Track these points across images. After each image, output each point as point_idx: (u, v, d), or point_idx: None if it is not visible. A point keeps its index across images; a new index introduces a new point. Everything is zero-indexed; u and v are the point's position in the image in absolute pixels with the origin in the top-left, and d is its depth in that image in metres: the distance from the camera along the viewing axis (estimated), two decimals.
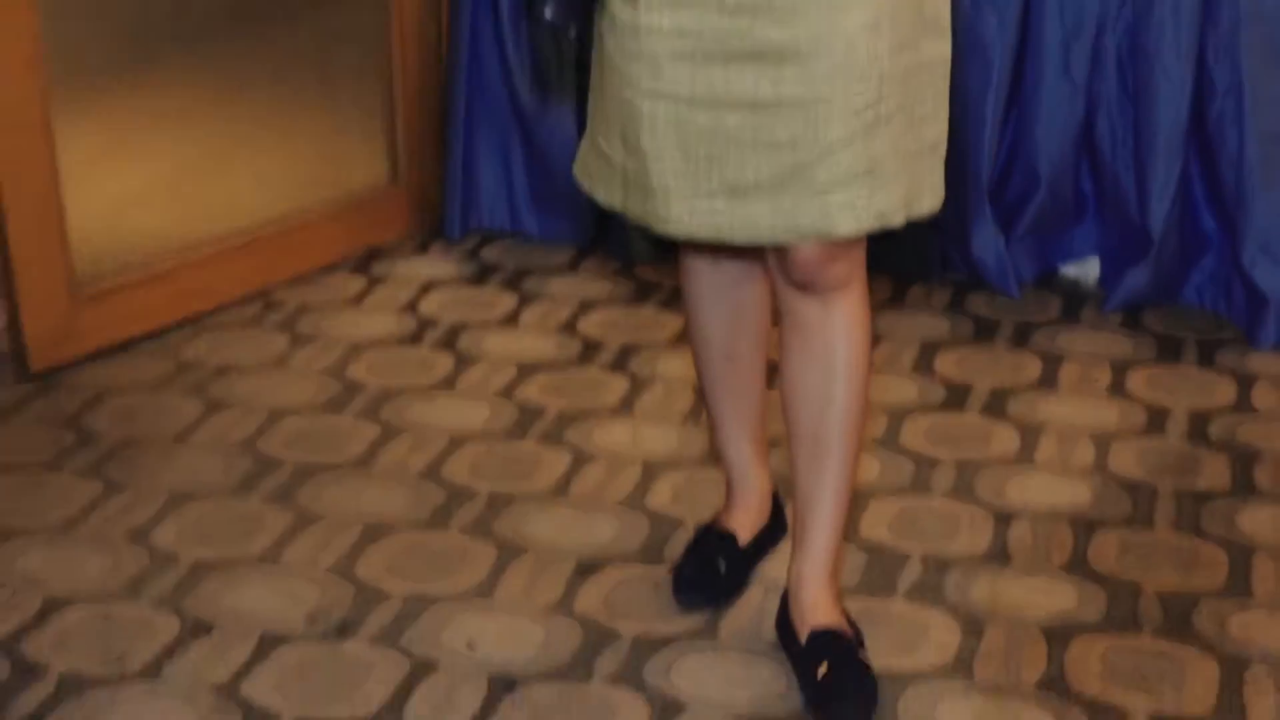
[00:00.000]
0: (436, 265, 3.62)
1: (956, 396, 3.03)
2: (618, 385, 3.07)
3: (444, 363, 3.16)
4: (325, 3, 3.47)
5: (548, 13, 2.09)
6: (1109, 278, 3.45)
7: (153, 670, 2.24)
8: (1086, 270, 3.52)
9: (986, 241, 3.43)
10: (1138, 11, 3.27)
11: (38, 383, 3.02)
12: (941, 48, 2.09)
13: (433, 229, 3.76)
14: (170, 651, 2.28)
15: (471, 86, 3.67)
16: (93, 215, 3.11)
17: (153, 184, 3.20)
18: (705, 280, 2.34)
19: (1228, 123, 3.23)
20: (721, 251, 2.30)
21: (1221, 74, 3.22)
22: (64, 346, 3.08)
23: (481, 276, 3.57)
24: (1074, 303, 3.43)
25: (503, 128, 3.71)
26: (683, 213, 2.07)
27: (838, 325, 2.15)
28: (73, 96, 3.04)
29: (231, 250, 3.36)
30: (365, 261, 3.60)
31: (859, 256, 2.15)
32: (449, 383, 3.08)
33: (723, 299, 2.34)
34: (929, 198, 2.12)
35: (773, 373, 2.31)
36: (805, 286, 2.13)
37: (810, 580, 2.23)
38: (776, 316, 2.24)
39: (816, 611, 2.21)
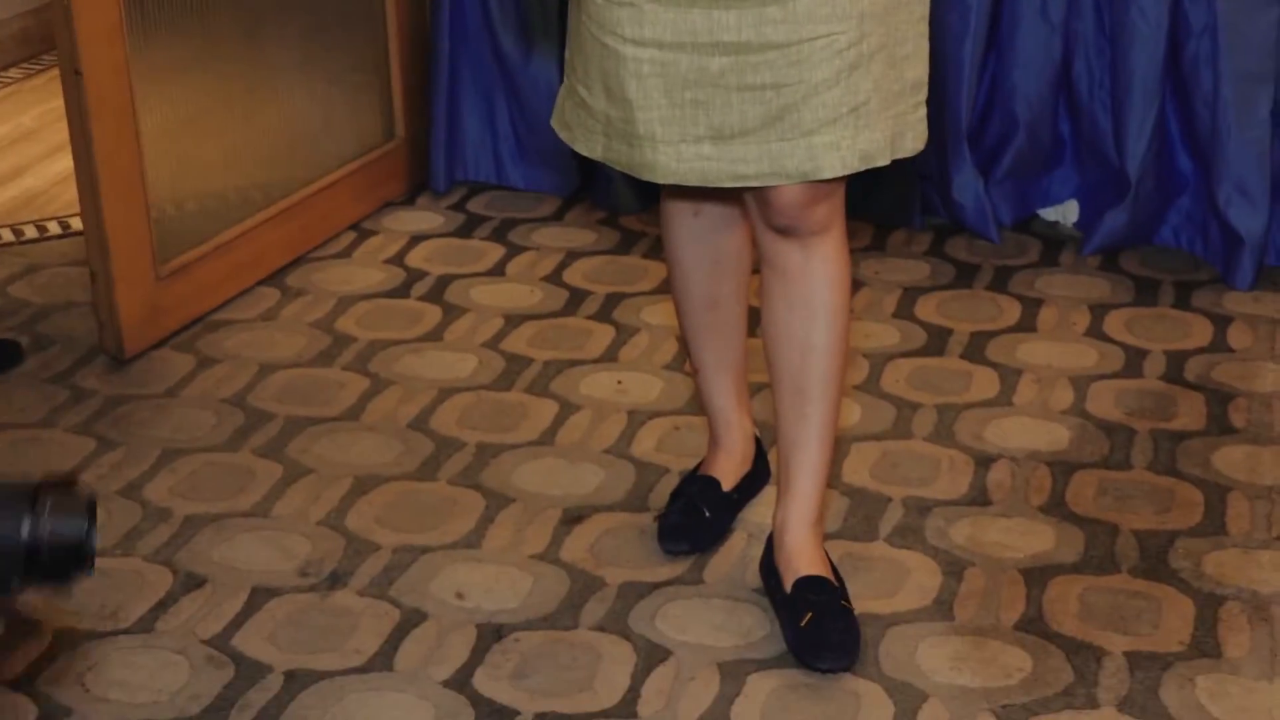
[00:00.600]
0: (424, 218, 3.64)
1: (937, 341, 3.06)
2: (603, 335, 3.10)
3: (432, 314, 3.19)
4: None
5: None
6: (1087, 220, 3.48)
7: (147, 623, 2.28)
8: (1065, 213, 3.54)
9: (966, 186, 3.45)
10: None
11: (131, 367, 3.01)
12: None
13: (421, 183, 3.78)
14: (163, 605, 2.32)
15: (455, 39, 3.68)
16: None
17: (170, 146, 3.16)
18: (687, 228, 2.36)
19: (1203, 63, 3.24)
20: (703, 198, 2.32)
21: (1197, 14, 3.23)
22: (150, 329, 3.07)
23: (468, 228, 3.59)
24: (1052, 246, 3.46)
25: (486, 80, 3.72)
26: (670, 159, 2.09)
27: (818, 270, 2.18)
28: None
29: (271, 221, 3.36)
30: (361, 217, 3.62)
31: (839, 201, 2.17)
32: (437, 334, 3.11)
33: (704, 246, 2.37)
34: (912, 138, 2.14)
35: (754, 320, 2.34)
36: (786, 231, 2.15)
37: (795, 525, 2.26)
38: (758, 264, 2.27)
39: (801, 558, 2.25)
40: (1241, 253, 3.23)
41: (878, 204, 3.49)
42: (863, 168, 2.08)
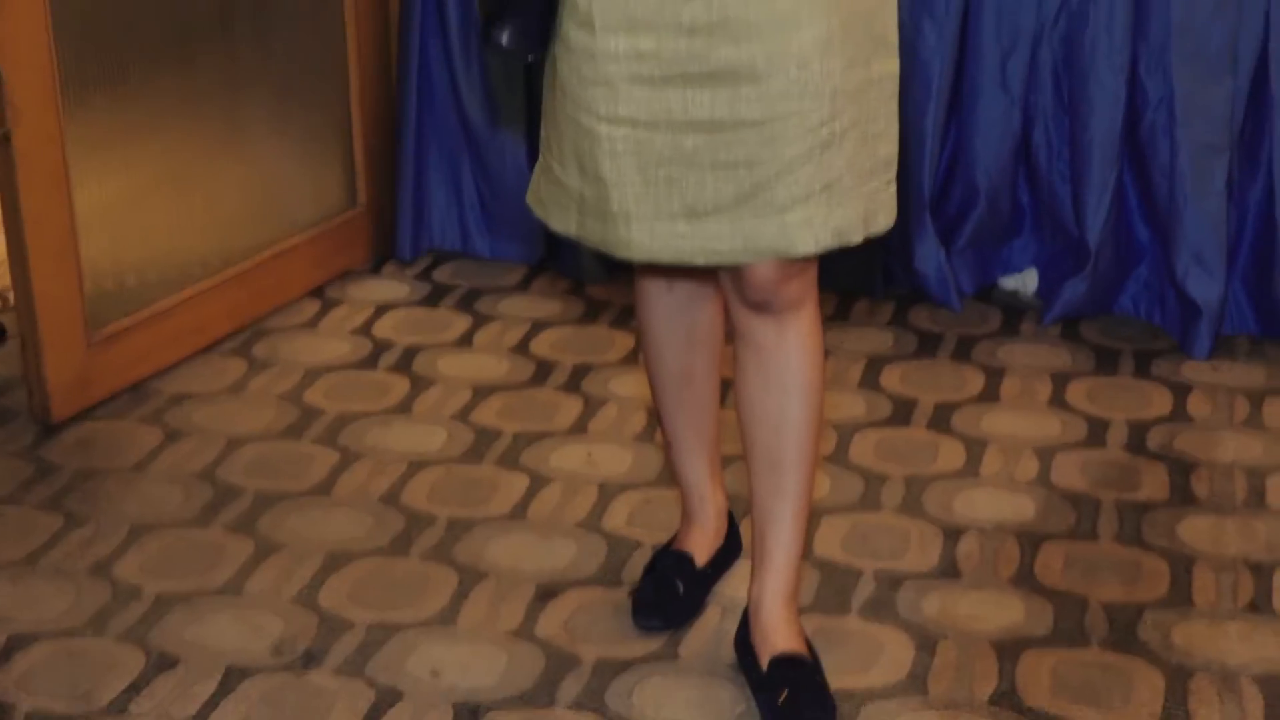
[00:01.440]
0: (390, 287, 3.65)
1: (903, 411, 3.09)
2: (572, 406, 3.11)
3: (400, 386, 3.20)
4: (279, 26, 3.47)
5: (505, 40, 2.11)
6: (1047, 289, 3.52)
7: (120, 705, 2.26)
8: (1025, 282, 3.58)
9: (928, 255, 3.49)
10: (1072, 25, 3.34)
11: (59, 434, 3.00)
12: (891, 65, 2.15)
13: (385, 251, 3.78)
14: (137, 686, 2.31)
15: (422, 107, 3.70)
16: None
17: (111, 211, 3.15)
18: (661, 304, 2.38)
19: (1160, 134, 3.30)
20: (676, 274, 2.34)
21: (1154, 86, 3.29)
22: (81, 396, 3.06)
23: (435, 298, 3.60)
24: (1013, 315, 3.50)
25: (453, 148, 3.74)
26: (644, 237, 2.11)
27: (792, 346, 2.20)
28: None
29: (222, 286, 3.36)
30: (319, 285, 3.63)
31: (812, 276, 2.20)
32: (405, 406, 3.12)
33: (678, 321, 2.38)
34: (884, 215, 2.17)
35: (726, 390, 2.36)
36: (761, 307, 2.17)
37: (770, 601, 2.28)
38: (730, 334, 2.29)
39: (776, 635, 2.26)
40: (1199, 322, 3.28)
41: (841, 273, 3.52)
42: (836, 245, 2.10)
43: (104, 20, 3.05)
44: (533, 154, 3.62)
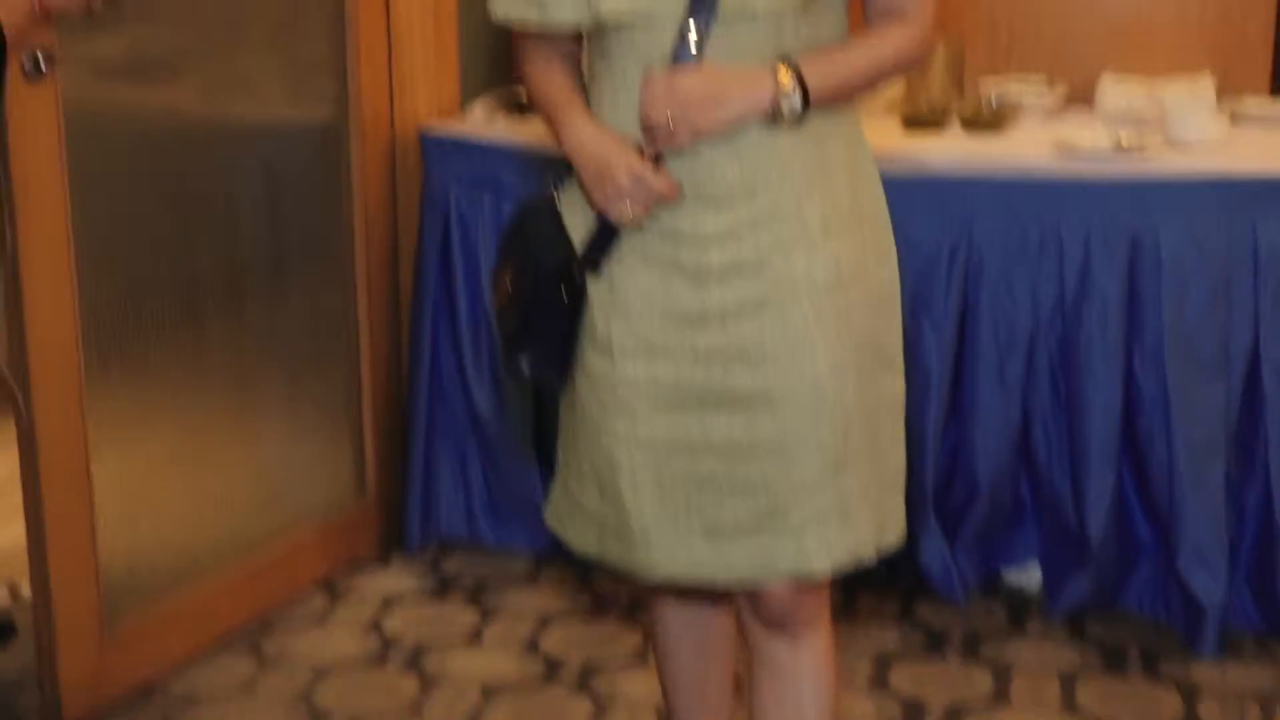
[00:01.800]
0: (398, 579, 3.66)
1: (913, 713, 3.09)
2: (581, 708, 3.10)
3: (409, 686, 3.19)
4: (292, 317, 3.55)
5: (525, 367, 2.18)
6: (1051, 584, 3.54)
7: None
8: (1029, 576, 3.60)
9: (932, 550, 3.52)
10: (1067, 325, 3.42)
11: None
12: (898, 383, 2.23)
13: (392, 538, 3.81)
14: None
15: (433, 398, 3.76)
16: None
17: (127, 497, 3.17)
18: (675, 619, 2.41)
19: (1157, 432, 3.35)
20: (690, 590, 2.37)
21: (1149, 385, 3.35)
22: (92, 696, 3.05)
23: (442, 590, 3.61)
24: (1019, 609, 3.51)
25: (459, 436, 3.79)
26: (664, 558, 2.14)
27: (806, 664, 2.23)
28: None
29: (232, 578, 3.38)
30: (327, 574, 3.64)
31: (826, 595, 2.24)
32: (416, 709, 3.10)
33: (691, 634, 2.41)
34: (894, 529, 2.23)
35: (738, 689, 2.36)
36: (777, 625, 2.20)
37: None
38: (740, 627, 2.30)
39: None
40: (1204, 620, 3.29)
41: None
42: (851, 564, 2.15)
43: (125, 307, 3.12)
44: (539, 443, 3.68)
